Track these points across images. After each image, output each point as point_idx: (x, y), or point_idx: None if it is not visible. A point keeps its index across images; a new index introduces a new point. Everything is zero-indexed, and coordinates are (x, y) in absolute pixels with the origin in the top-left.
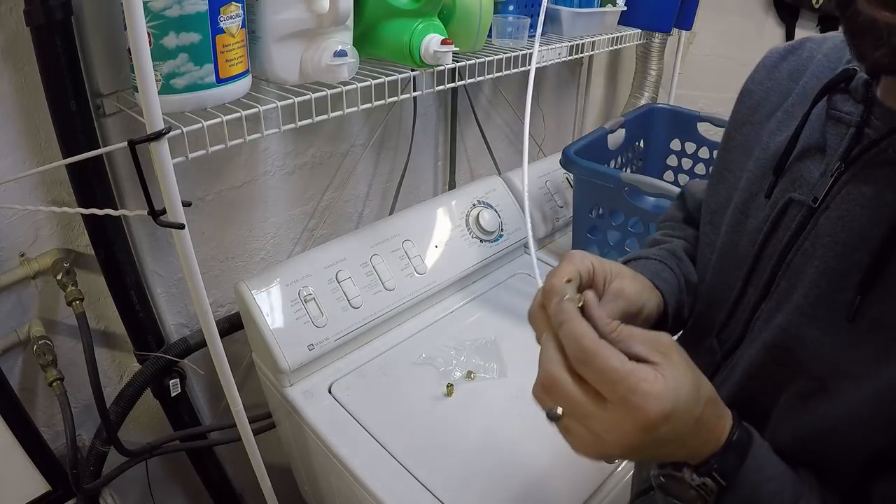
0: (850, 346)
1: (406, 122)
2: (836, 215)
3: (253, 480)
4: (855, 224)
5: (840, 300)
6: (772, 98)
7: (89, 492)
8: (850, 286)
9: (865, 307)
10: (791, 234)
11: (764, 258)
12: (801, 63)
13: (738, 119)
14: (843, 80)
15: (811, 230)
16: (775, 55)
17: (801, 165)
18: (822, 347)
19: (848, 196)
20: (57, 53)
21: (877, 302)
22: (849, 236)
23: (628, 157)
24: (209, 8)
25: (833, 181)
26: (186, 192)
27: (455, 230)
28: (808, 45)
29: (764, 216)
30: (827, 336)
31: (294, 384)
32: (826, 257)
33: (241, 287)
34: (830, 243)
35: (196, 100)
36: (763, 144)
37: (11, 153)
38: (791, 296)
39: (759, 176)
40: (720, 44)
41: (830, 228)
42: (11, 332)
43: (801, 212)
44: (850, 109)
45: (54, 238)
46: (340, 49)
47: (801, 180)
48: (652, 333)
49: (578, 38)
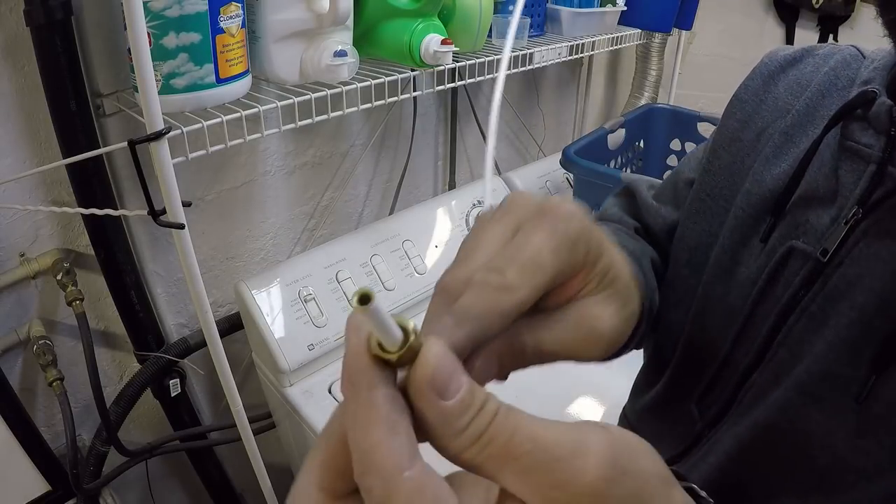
0: (859, 435)
1: (406, 122)
2: (852, 273)
3: (253, 480)
4: (875, 285)
5: (851, 378)
6: (764, 113)
7: (89, 492)
8: (863, 361)
9: (880, 387)
10: (793, 291)
11: (758, 317)
12: (803, 77)
13: (725, 133)
14: (861, 104)
15: (820, 291)
16: (773, 64)
17: (806, 207)
18: (827, 435)
19: (867, 250)
20: (57, 53)
21: (893, 379)
22: (867, 300)
23: (628, 157)
24: (209, 8)
25: (848, 230)
26: (186, 192)
27: (455, 230)
28: (810, 56)
29: (759, 266)
30: (833, 421)
31: (294, 384)
32: (838, 326)
33: (241, 287)
34: (845, 309)
35: (196, 100)
36: (756, 175)
37: (11, 153)
38: (792, 369)
39: (753, 215)
40: (720, 44)
41: (845, 290)
42: (11, 332)
43: (806, 265)
44: (869, 141)
45: (54, 238)
46: (340, 49)
47: (807, 226)
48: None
49: (578, 38)
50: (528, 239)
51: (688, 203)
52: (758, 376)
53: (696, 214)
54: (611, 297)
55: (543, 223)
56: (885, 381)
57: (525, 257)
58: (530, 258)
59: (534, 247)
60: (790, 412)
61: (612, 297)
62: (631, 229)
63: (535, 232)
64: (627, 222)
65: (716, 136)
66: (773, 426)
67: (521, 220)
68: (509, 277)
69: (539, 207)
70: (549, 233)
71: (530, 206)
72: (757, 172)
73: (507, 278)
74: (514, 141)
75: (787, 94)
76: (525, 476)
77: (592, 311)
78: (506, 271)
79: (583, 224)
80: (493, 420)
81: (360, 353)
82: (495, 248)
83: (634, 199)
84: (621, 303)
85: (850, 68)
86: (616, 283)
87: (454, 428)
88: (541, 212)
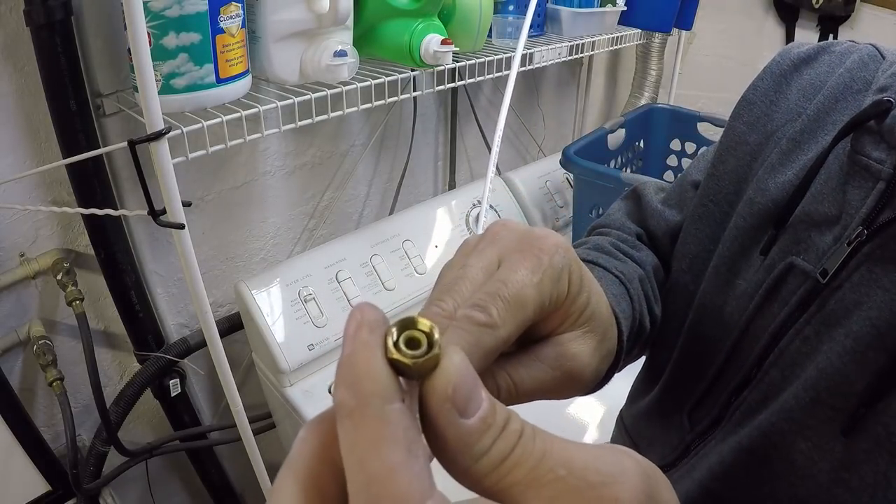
0: (844, 468)
1: (406, 122)
2: (851, 300)
3: (253, 480)
4: (873, 313)
5: (839, 408)
6: (775, 115)
7: (89, 492)
8: (854, 392)
9: (869, 421)
10: (790, 310)
11: (753, 333)
12: (818, 78)
13: (732, 136)
14: (875, 115)
15: (816, 313)
16: (786, 62)
17: (809, 222)
18: (810, 466)
19: (868, 275)
20: (57, 53)
21: (884, 415)
22: (862, 329)
23: (628, 157)
24: (209, 8)
25: (850, 252)
26: (186, 192)
27: (455, 230)
28: (826, 55)
29: (757, 280)
30: (817, 451)
31: (294, 384)
32: (831, 354)
33: (241, 287)
34: (840, 336)
35: (196, 100)
36: (760, 182)
37: (11, 153)
38: (781, 393)
39: (754, 225)
40: (720, 44)
41: (842, 317)
42: (11, 332)
43: (804, 285)
44: (880, 157)
45: (54, 238)
46: (340, 49)
47: (808, 242)
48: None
49: (578, 38)
50: (512, 274)
51: (692, 208)
52: (748, 394)
53: (699, 220)
54: (588, 333)
55: (527, 256)
56: (875, 416)
57: (508, 294)
58: (514, 294)
59: (517, 282)
60: (775, 437)
61: (591, 334)
62: (632, 236)
63: (518, 266)
64: (629, 228)
65: (722, 139)
66: (755, 450)
67: (504, 252)
68: (493, 315)
69: (523, 239)
70: (532, 267)
71: (514, 237)
72: (761, 180)
73: (492, 315)
74: (514, 141)
75: (799, 97)
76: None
77: (570, 349)
78: (489, 308)
79: (566, 257)
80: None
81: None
82: (479, 282)
83: (640, 202)
84: (599, 339)
85: (868, 70)
86: (594, 320)
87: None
88: (525, 244)
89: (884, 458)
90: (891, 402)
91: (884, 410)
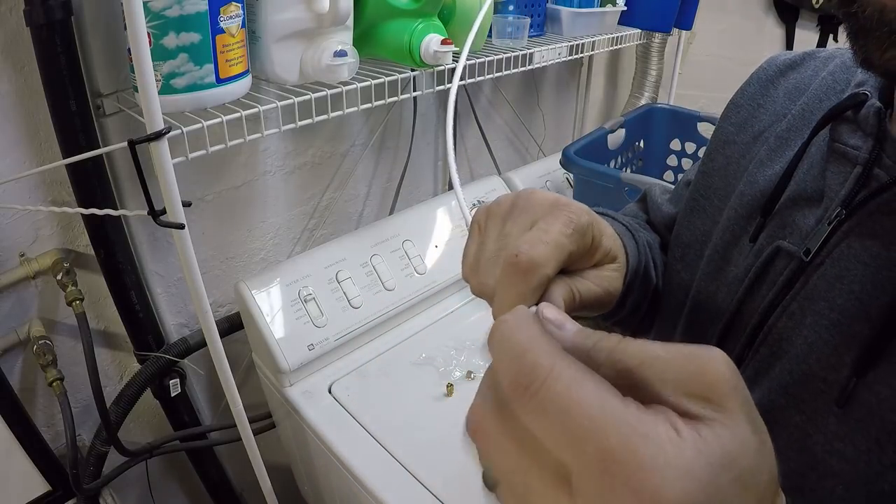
0: (837, 439)
1: (406, 122)
2: (832, 274)
3: (253, 480)
4: (855, 286)
5: (831, 380)
6: (762, 117)
7: (89, 492)
8: (844, 364)
9: (860, 390)
10: (777, 290)
11: (743, 315)
12: (802, 81)
13: (721, 137)
14: (852, 106)
15: (800, 290)
16: (772, 68)
17: (793, 207)
18: (805, 438)
19: (848, 251)
20: (57, 53)
21: (875, 384)
22: (846, 302)
23: (628, 157)
24: (209, 8)
25: (830, 231)
26: (186, 192)
27: (455, 230)
28: (811, 60)
29: (747, 265)
30: (812, 424)
31: (294, 384)
32: (818, 326)
33: (241, 287)
34: (824, 309)
35: (196, 100)
36: (749, 176)
37: (11, 153)
38: (772, 368)
39: (744, 215)
40: (720, 44)
41: (825, 291)
42: (11, 332)
43: (790, 265)
44: (856, 143)
45: (54, 238)
46: (340, 49)
47: (793, 226)
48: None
49: (578, 38)
50: (549, 227)
51: (684, 202)
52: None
53: (691, 213)
54: (615, 264)
55: (559, 217)
56: (866, 386)
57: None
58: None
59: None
60: (770, 413)
61: (616, 264)
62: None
63: (555, 222)
64: (640, 216)
65: (712, 139)
66: None
67: (537, 217)
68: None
69: (555, 204)
70: (564, 223)
71: (547, 204)
72: (751, 174)
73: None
74: (514, 141)
75: (785, 99)
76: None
77: (605, 272)
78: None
79: (590, 217)
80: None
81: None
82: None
83: (647, 199)
84: (620, 272)
85: (850, 72)
86: (617, 258)
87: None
88: (556, 208)
89: (875, 425)
90: (879, 372)
91: (874, 380)
